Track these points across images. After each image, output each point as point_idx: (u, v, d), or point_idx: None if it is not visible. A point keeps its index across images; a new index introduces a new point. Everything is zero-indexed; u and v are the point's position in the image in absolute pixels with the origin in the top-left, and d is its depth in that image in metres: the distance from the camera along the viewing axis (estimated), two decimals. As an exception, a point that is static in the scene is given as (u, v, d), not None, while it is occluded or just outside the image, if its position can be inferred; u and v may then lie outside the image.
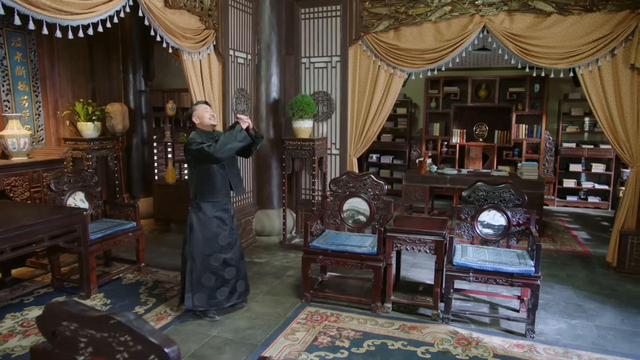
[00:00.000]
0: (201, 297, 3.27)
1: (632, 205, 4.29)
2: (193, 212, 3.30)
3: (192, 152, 3.13)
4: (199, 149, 3.08)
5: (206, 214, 3.29)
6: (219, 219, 3.33)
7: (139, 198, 6.21)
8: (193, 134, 3.27)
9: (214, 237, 3.31)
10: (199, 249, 3.27)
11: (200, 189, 3.28)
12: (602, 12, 4.12)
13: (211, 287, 3.29)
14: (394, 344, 2.99)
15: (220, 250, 3.33)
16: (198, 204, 3.30)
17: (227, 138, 3.12)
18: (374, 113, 4.93)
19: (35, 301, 3.62)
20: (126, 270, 4.24)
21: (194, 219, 3.29)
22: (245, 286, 3.52)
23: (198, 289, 3.26)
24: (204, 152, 3.08)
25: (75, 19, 2.86)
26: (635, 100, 4.13)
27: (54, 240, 3.42)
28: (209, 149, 3.06)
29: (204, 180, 3.26)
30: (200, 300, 3.27)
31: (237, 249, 3.45)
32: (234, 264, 3.40)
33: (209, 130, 3.35)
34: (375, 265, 3.39)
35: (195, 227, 3.28)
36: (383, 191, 3.86)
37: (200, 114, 3.32)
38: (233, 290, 3.40)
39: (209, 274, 3.29)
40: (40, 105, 4.94)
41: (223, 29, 4.48)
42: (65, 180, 4.00)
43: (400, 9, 4.71)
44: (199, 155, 3.12)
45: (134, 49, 5.95)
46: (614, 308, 3.56)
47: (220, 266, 3.33)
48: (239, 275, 3.44)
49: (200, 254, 3.27)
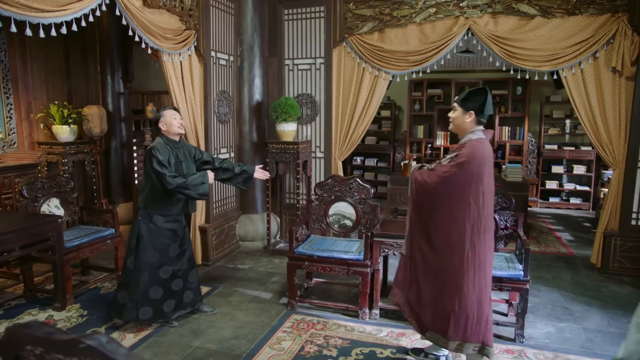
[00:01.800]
0: (147, 310, 3.11)
1: (615, 206, 4.32)
2: (143, 222, 3.13)
3: (152, 168, 2.99)
4: (159, 173, 2.96)
5: (157, 225, 3.15)
6: (170, 230, 3.20)
7: (119, 203, 6.03)
8: (158, 142, 3.11)
9: (164, 248, 3.17)
10: (147, 260, 3.11)
11: (152, 202, 3.13)
12: (584, 16, 4.15)
13: (158, 300, 3.15)
14: (383, 351, 2.92)
15: (170, 262, 3.19)
16: (149, 213, 3.14)
17: (191, 185, 3.01)
18: (358, 115, 4.88)
19: (6, 314, 3.43)
20: (104, 279, 4.08)
21: (144, 229, 3.12)
22: (193, 296, 3.36)
23: (144, 302, 3.10)
24: (160, 178, 2.96)
25: (46, 17, 2.72)
26: (617, 102, 4.17)
27: (26, 250, 3.25)
28: (167, 181, 2.95)
29: (158, 193, 3.10)
30: (146, 314, 3.12)
31: (186, 260, 3.31)
32: (181, 275, 3.26)
33: (175, 140, 3.19)
34: (363, 271, 3.32)
35: (145, 238, 3.11)
36: (369, 195, 3.80)
37: (169, 121, 3.14)
38: (179, 302, 3.27)
39: (157, 286, 3.14)
40: (12, 107, 4.73)
41: (204, 30, 4.36)
42: (38, 186, 3.82)
43: (384, 11, 4.67)
44: (156, 175, 2.99)
45: (112, 49, 5.78)
46: (600, 310, 3.57)
47: (169, 278, 3.19)
48: (186, 286, 3.30)
49: (149, 266, 3.11)
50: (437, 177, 2.44)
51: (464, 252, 2.42)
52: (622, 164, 4.24)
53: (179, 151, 3.18)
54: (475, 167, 2.38)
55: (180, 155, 3.17)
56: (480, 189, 2.40)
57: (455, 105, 2.54)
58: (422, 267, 2.58)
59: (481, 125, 2.50)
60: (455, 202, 2.42)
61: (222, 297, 3.78)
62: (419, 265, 2.59)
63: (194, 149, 3.37)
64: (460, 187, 2.40)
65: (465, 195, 2.40)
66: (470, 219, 2.41)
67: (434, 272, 2.52)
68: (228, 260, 4.76)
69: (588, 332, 3.21)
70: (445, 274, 2.48)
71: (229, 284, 4.10)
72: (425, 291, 2.57)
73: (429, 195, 2.50)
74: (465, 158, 2.39)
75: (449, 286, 2.47)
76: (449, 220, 2.45)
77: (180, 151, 3.19)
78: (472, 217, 2.41)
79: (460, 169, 2.39)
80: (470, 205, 2.40)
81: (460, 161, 2.40)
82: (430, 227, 2.52)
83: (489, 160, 2.44)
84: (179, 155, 3.17)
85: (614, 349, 2.97)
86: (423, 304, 2.59)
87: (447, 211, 2.45)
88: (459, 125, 2.53)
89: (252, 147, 5.21)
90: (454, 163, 2.41)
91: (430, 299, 2.55)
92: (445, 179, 2.41)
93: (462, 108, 2.50)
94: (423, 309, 2.59)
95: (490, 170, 2.47)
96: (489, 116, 2.51)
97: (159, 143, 3.10)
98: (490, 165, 2.46)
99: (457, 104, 2.53)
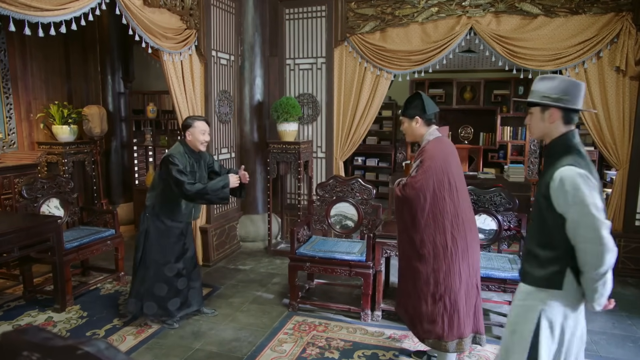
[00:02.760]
0: (151, 305, 3.17)
1: (618, 207, 4.29)
2: (150, 219, 3.17)
3: (170, 174, 2.97)
4: (178, 181, 2.95)
5: (164, 223, 3.17)
6: (177, 229, 3.22)
7: (119, 204, 6.00)
8: (176, 150, 3.09)
9: (170, 246, 3.19)
10: (153, 257, 3.15)
11: (161, 205, 3.15)
12: (588, 15, 4.12)
13: (162, 297, 3.18)
14: (385, 354, 2.89)
15: (176, 260, 3.21)
16: (157, 212, 3.16)
17: (211, 191, 3.01)
18: (360, 115, 4.85)
19: (5, 315, 3.41)
20: (104, 280, 4.05)
21: (151, 227, 3.16)
22: (197, 296, 3.38)
23: (148, 297, 3.16)
24: (180, 186, 2.95)
25: (45, 16, 2.69)
26: (621, 102, 4.14)
27: (25, 251, 3.23)
28: (187, 188, 2.94)
29: (169, 198, 3.12)
30: (150, 309, 3.17)
31: (189, 259, 3.32)
32: (185, 274, 3.27)
33: (195, 150, 3.18)
34: (365, 272, 3.30)
35: (152, 235, 3.15)
36: (371, 195, 3.77)
37: (196, 135, 3.12)
38: (185, 301, 3.28)
39: (161, 283, 3.17)
40: (12, 107, 4.70)
41: (205, 29, 4.34)
42: (38, 187, 3.80)
43: (386, 10, 4.64)
44: (174, 182, 2.97)
45: (112, 49, 5.75)
46: (604, 312, 3.50)
47: (174, 277, 3.21)
48: (190, 285, 3.31)
49: (155, 262, 3.15)
50: (414, 189, 2.49)
51: (447, 250, 2.47)
52: (626, 164, 4.20)
53: (195, 161, 3.18)
54: (439, 164, 2.47)
55: (195, 165, 3.18)
56: (452, 184, 2.48)
57: (401, 118, 2.69)
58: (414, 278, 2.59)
59: (432, 125, 2.62)
60: (435, 205, 2.47)
61: (223, 299, 3.76)
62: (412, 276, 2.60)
63: (209, 157, 3.38)
64: (434, 189, 2.47)
65: (442, 193, 2.47)
66: (448, 216, 2.47)
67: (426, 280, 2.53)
68: (229, 261, 4.74)
69: (592, 334, 3.18)
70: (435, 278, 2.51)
71: (230, 285, 4.07)
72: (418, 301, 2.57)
73: (412, 207, 2.52)
74: (429, 161, 2.48)
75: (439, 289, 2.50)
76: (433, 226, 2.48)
77: (196, 161, 3.19)
78: (450, 214, 2.47)
79: (429, 173, 2.46)
80: (446, 202, 2.47)
81: (425, 166, 2.48)
82: (417, 238, 2.54)
83: (452, 154, 2.55)
84: (194, 165, 3.17)
85: (620, 352, 2.94)
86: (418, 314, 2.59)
87: (431, 217, 2.49)
88: (412, 134, 2.65)
89: (253, 147, 5.18)
90: (421, 170, 2.49)
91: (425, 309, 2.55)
92: (420, 187, 2.47)
93: (407, 118, 2.63)
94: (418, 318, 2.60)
95: (457, 163, 2.57)
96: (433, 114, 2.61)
97: (178, 152, 3.09)
98: (454, 157, 2.56)
99: (402, 116, 2.68)
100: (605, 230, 1.61)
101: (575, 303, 1.74)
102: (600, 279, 1.63)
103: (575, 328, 1.77)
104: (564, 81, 1.79)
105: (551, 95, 1.78)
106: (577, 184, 1.63)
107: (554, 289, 1.73)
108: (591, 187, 1.64)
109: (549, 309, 1.73)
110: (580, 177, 1.64)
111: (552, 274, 1.73)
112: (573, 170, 1.65)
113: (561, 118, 1.78)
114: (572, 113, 1.78)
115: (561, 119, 1.78)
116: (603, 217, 1.63)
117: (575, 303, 1.74)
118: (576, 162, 1.69)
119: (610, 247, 1.60)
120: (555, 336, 1.74)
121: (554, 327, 1.74)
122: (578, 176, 1.64)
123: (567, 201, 1.65)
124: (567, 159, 1.71)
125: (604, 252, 1.60)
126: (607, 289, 1.65)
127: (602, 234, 1.60)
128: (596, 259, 1.61)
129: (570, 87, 1.77)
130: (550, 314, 1.73)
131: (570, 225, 1.66)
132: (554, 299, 1.73)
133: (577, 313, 1.76)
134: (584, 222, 1.62)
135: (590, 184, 1.64)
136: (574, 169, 1.66)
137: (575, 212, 1.64)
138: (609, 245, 1.60)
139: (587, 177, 1.65)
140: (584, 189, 1.63)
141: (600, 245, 1.60)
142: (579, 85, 1.79)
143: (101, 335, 3.10)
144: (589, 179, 1.64)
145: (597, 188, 1.66)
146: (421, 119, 2.58)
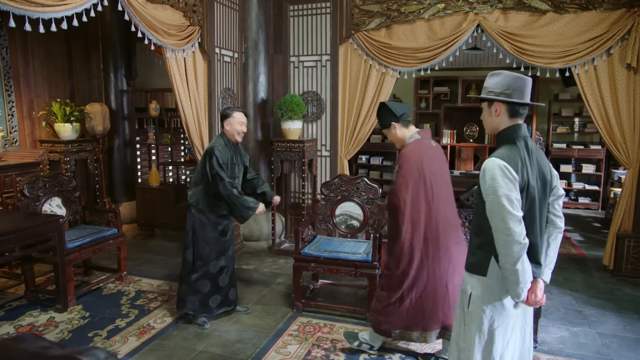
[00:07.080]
0: (193, 301, 3.20)
1: (628, 207, 4.21)
2: (195, 215, 3.18)
3: (211, 168, 3.03)
4: (218, 175, 3.01)
5: (209, 219, 3.20)
6: (220, 225, 3.25)
7: (121, 203, 5.96)
8: (219, 142, 3.13)
9: (214, 242, 3.21)
10: (199, 253, 3.18)
11: (203, 199, 3.17)
12: (598, 11, 4.04)
13: (205, 294, 3.21)
14: (392, 356, 2.84)
15: (218, 257, 3.24)
16: (201, 209, 3.18)
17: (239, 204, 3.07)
18: (365, 113, 4.78)
19: (7, 315, 3.37)
20: (107, 280, 4.01)
21: (196, 222, 3.18)
22: (235, 294, 3.44)
23: (192, 292, 3.18)
24: (218, 182, 3.02)
25: (46, 11, 2.64)
26: (631, 100, 4.06)
27: (27, 250, 3.19)
28: (225, 186, 3.01)
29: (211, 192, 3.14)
30: (192, 305, 3.20)
31: (231, 257, 3.36)
32: (227, 271, 3.31)
33: (234, 142, 3.21)
34: (371, 272, 3.24)
35: (197, 230, 3.18)
36: (377, 195, 3.72)
37: (235, 125, 3.16)
38: (225, 298, 3.32)
39: (205, 279, 3.20)
40: (14, 105, 4.66)
41: (208, 26, 4.28)
42: (40, 185, 3.76)
43: (392, 7, 4.57)
44: (214, 176, 3.03)
45: (115, 46, 5.71)
46: (615, 314, 3.47)
47: (217, 273, 3.24)
48: (230, 283, 3.36)
49: (199, 258, 3.18)
50: (399, 196, 2.54)
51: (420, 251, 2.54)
52: (636, 163, 4.12)
53: (235, 154, 3.22)
54: (415, 166, 2.53)
55: (234, 158, 3.22)
56: (428, 185, 2.53)
57: (384, 131, 2.80)
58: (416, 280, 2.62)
59: (411, 125, 2.71)
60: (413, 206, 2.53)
61: (227, 299, 3.71)
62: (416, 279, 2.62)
63: (245, 154, 3.40)
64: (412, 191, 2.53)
65: (418, 195, 2.53)
66: (423, 216, 2.53)
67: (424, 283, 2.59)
68: (232, 261, 4.69)
69: (603, 337, 3.11)
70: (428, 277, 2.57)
71: (234, 285, 4.03)
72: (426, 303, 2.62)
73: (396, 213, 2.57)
74: (405, 165, 2.56)
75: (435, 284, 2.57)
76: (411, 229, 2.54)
77: (235, 153, 3.23)
78: (424, 214, 2.53)
79: (406, 177, 2.53)
80: (421, 203, 2.53)
81: (402, 171, 2.56)
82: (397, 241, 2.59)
83: (426, 154, 2.59)
84: (234, 157, 3.21)
85: (632, 355, 2.88)
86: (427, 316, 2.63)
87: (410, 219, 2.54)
88: (397, 140, 2.72)
89: (257, 146, 5.13)
90: (399, 175, 2.57)
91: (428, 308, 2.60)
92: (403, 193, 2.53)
93: (386, 128, 2.74)
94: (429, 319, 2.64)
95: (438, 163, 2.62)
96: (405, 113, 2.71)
97: (220, 144, 3.13)
98: (433, 158, 2.61)
99: (382, 128, 2.79)
100: (513, 222, 1.67)
101: (501, 292, 1.78)
102: (510, 269, 1.70)
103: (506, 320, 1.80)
104: (507, 76, 1.83)
105: (495, 90, 1.85)
106: (494, 175, 1.71)
107: (480, 275, 1.82)
108: (509, 179, 1.69)
109: (475, 292, 1.83)
110: (499, 168, 1.71)
111: (479, 260, 1.82)
112: (494, 162, 1.73)
113: (506, 112, 1.83)
114: (517, 107, 1.82)
115: (506, 113, 1.84)
116: (514, 210, 1.68)
117: (501, 292, 1.78)
118: (502, 155, 1.75)
119: (517, 239, 1.66)
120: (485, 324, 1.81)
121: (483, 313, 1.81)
122: (497, 167, 1.71)
123: (485, 190, 1.75)
124: (498, 150, 1.79)
125: (511, 243, 1.67)
126: (521, 280, 1.71)
127: (509, 226, 1.66)
128: (504, 249, 1.70)
129: (514, 82, 1.82)
130: (477, 298, 1.83)
131: (487, 214, 1.75)
132: (481, 284, 1.82)
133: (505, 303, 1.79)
134: (496, 212, 1.70)
135: (508, 176, 1.69)
136: (495, 160, 1.73)
137: (490, 202, 1.73)
138: (515, 237, 1.66)
139: (506, 168, 1.70)
140: (499, 179, 1.69)
141: (508, 236, 1.67)
142: (523, 79, 1.83)
143: (103, 336, 3.06)
144: (508, 170, 1.69)
145: (516, 181, 1.70)
146: (396, 122, 2.67)
